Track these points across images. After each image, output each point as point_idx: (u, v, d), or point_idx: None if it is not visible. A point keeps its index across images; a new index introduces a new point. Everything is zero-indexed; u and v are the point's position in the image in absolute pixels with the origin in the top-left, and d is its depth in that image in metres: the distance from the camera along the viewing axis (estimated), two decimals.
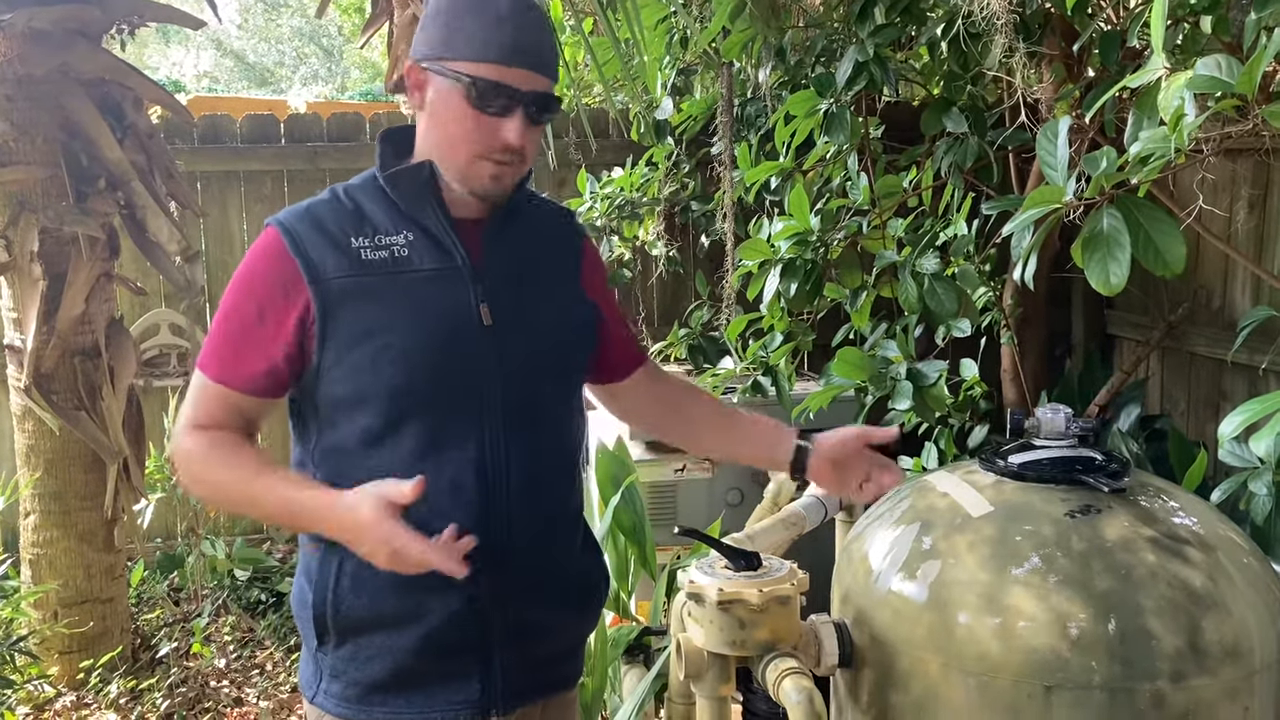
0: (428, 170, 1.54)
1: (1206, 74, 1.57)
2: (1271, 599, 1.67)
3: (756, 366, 3.13)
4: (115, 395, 3.59)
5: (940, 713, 1.64)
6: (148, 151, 3.59)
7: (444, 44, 1.49)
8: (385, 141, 1.60)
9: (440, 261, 1.54)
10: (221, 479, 1.54)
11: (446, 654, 1.58)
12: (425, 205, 1.54)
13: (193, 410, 1.57)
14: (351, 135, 4.70)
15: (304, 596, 1.60)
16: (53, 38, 3.33)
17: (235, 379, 1.53)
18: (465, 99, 1.47)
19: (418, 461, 1.52)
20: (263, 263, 1.54)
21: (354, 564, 1.53)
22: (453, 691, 1.59)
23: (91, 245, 3.46)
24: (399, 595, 1.54)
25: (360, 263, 1.51)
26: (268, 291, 1.52)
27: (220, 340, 1.55)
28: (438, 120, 1.52)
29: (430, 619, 1.55)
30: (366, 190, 1.58)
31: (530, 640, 1.63)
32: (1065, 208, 1.78)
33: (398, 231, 1.54)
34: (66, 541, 3.62)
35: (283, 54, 22.33)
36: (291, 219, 1.54)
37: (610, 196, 4.35)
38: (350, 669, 1.58)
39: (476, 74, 1.46)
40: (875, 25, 2.76)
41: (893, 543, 1.79)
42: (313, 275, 1.50)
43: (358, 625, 1.56)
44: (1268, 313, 2.37)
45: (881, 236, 2.97)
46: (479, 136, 1.49)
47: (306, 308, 1.50)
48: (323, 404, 1.55)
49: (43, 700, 3.56)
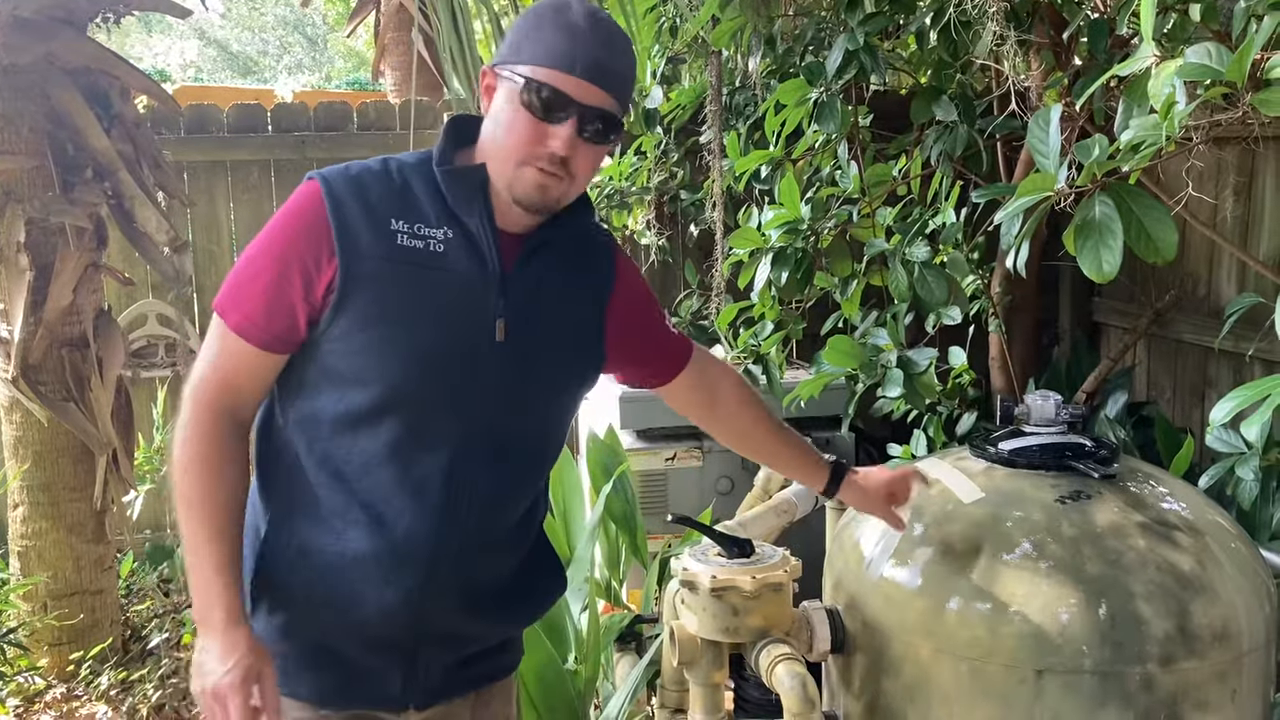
0: (482, 174, 1.51)
1: (1197, 61, 1.58)
2: (1259, 583, 1.69)
3: (747, 355, 3.14)
4: (103, 386, 3.58)
5: (932, 697, 1.66)
6: (135, 141, 3.57)
7: (515, 49, 1.47)
8: (450, 130, 1.56)
9: (472, 266, 1.51)
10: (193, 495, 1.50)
11: (373, 645, 1.58)
12: (474, 208, 1.51)
13: (214, 363, 1.52)
14: (339, 124, 4.68)
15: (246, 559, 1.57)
16: (38, 26, 3.30)
17: (259, 335, 1.49)
18: (520, 100, 1.45)
19: (391, 454, 1.51)
20: (303, 218, 1.49)
21: (301, 536, 1.54)
22: (373, 683, 1.59)
23: (79, 236, 3.44)
24: (337, 578, 1.53)
25: (394, 248, 1.48)
26: (302, 248, 1.47)
27: (245, 289, 1.50)
28: (496, 123, 1.49)
29: (364, 608, 1.54)
30: (419, 173, 1.53)
31: (456, 644, 1.64)
32: (1057, 195, 1.79)
33: (439, 226, 1.50)
34: (55, 533, 3.61)
35: (267, 43, 22.20)
36: (338, 180, 1.50)
37: (599, 185, 4.35)
38: (279, 640, 1.57)
39: (534, 77, 1.44)
40: (865, 14, 2.76)
41: (884, 529, 1.81)
42: (345, 245, 1.46)
43: (294, 599, 1.56)
44: (1254, 299, 2.38)
45: (871, 225, 2.98)
46: (528, 140, 1.46)
47: (333, 275, 1.47)
48: (314, 370, 1.52)
49: (33, 692, 3.55)
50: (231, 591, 1.48)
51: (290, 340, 1.51)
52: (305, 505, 1.55)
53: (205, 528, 1.48)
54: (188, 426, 1.51)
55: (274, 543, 1.56)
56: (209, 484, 1.49)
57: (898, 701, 1.70)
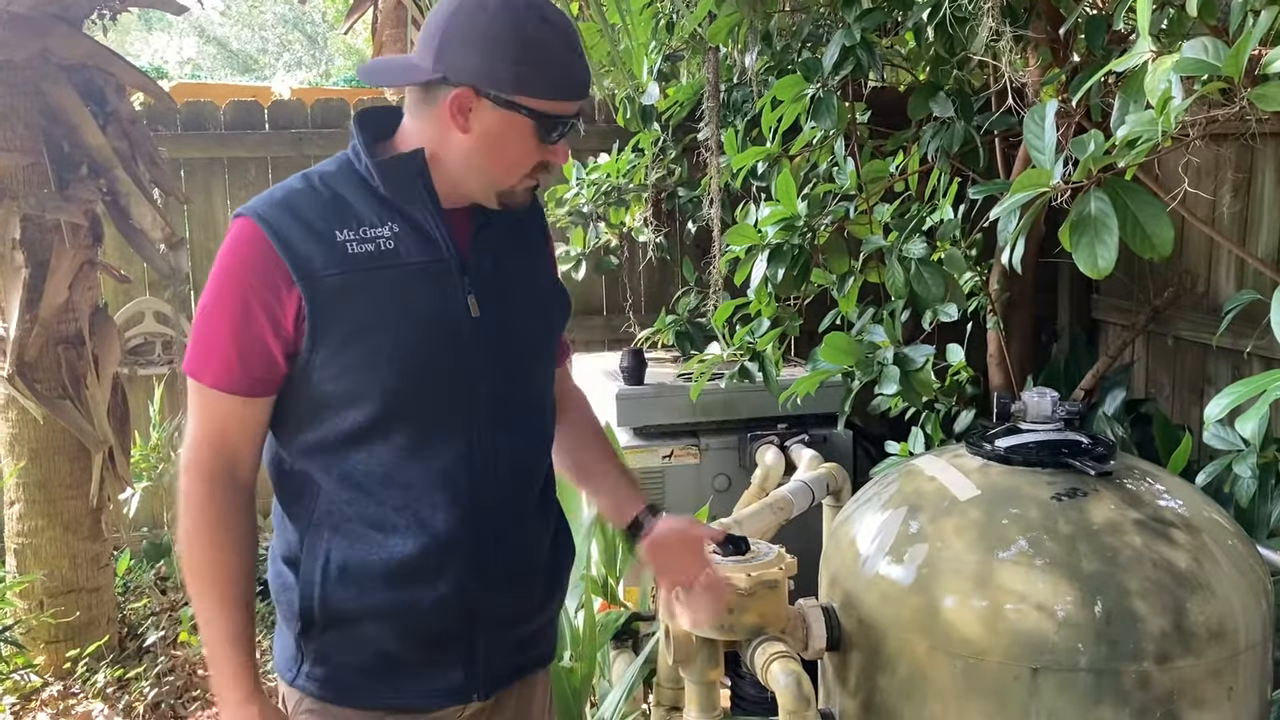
0: (420, 160, 1.51)
1: (1194, 56, 1.57)
2: (1255, 580, 1.68)
3: (744, 352, 3.13)
4: (100, 384, 3.57)
5: (927, 694, 1.65)
6: (130, 138, 3.56)
7: (515, 80, 1.45)
8: (362, 126, 1.55)
9: (428, 253, 1.52)
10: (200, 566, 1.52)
11: (433, 642, 1.58)
12: (415, 196, 1.51)
13: (201, 426, 1.51)
14: (336, 121, 4.67)
15: (285, 581, 1.58)
16: (33, 22, 3.29)
17: (239, 384, 1.48)
18: (535, 134, 1.48)
19: (409, 454, 1.51)
20: (246, 258, 1.47)
21: (340, 554, 1.53)
22: (437, 679, 1.59)
23: (74, 232, 3.43)
24: (388, 587, 1.53)
25: (347, 258, 1.47)
26: (256, 289, 1.46)
27: (213, 346, 1.49)
28: (492, 147, 1.49)
29: (419, 608, 1.54)
30: (343, 177, 1.53)
31: (510, 626, 1.64)
32: (1053, 191, 1.78)
33: (382, 223, 1.50)
34: (52, 531, 3.61)
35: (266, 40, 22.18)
36: (269, 210, 1.48)
37: (597, 183, 4.34)
38: (335, 654, 1.57)
39: (548, 110, 1.47)
40: (861, 10, 2.75)
41: (880, 526, 1.80)
42: (302, 272, 1.45)
43: (345, 615, 1.55)
44: (1252, 296, 2.38)
45: (868, 221, 2.97)
46: (530, 162, 1.51)
47: (299, 305, 1.45)
48: (309, 401, 1.51)
49: (29, 690, 3.55)
50: (242, 662, 1.52)
51: (270, 380, 1.50)
52: (336, 526, 1.54)
53: (213, 600, 1.52)
54: (187, 499, 1.52)
55: (312, 565, 1.55)
56: (213, 555, 1.52)
57: (893, 699, 1.70)
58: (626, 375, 3.57)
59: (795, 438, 3.40)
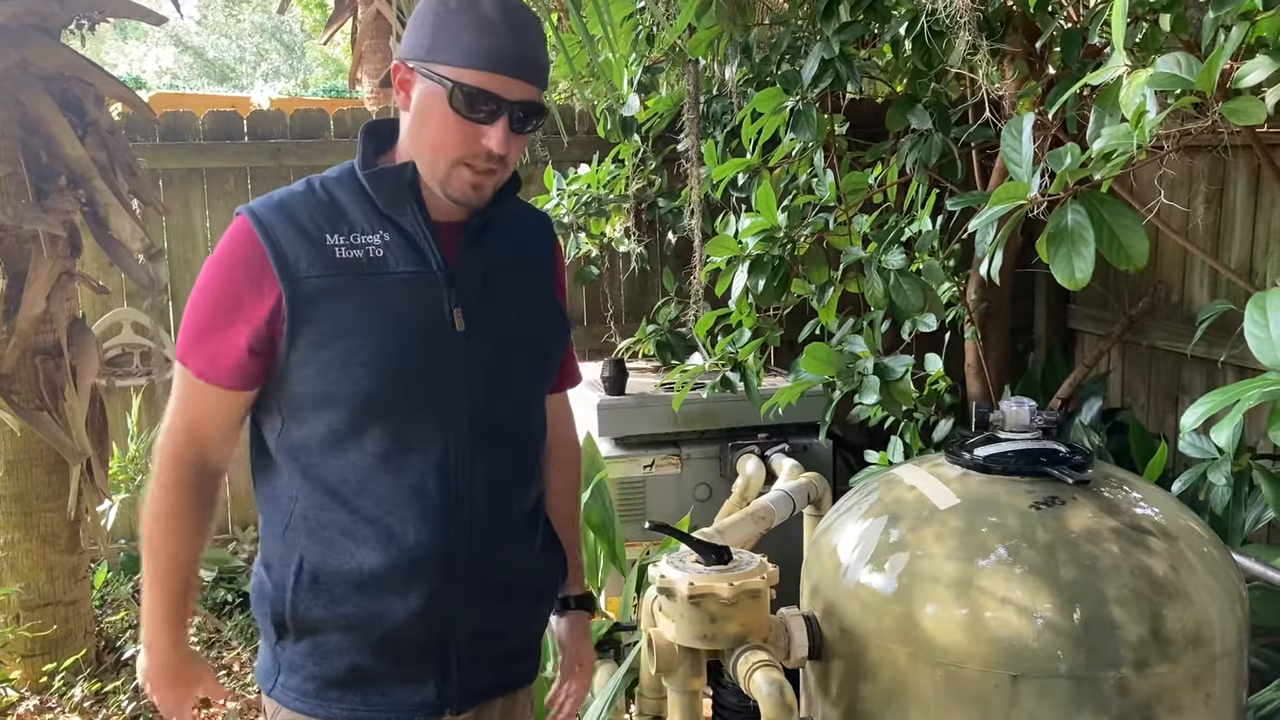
0: (410, 171, 1.52)
1: (1167, 71, 1.60)
2: (1231, 587, 1.70)
3: (725, 362, 3.15)
4: (78, 395, 3.55)
5: (909, 703, 1.66)
6: (109, 148, 3.54)
7: (431, 46, 1.46)
8: (367, 136, 1.58)
9: (415, 264, 1.53)
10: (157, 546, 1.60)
11: (404, 655, 1.58)
12: (404, 206, 1.53)
13: (180, 411, 1.57)
14: (315, 132, 4.67)
15: (263, 589, 1.60)
16: (10, 32, 3.28)
17: (219, 375, 1.52)
18: (448, 104, 1.46)
19: (382, 464, 1.52)
20: (236, 253, 1.51)
21: (313, 561, 1.54)
22: (409, 692, 1.59)
23: (52, 243, 3.41)
24: (359, 597, 1.54)
25: (334, 261, 1.49)
26: (241, 283, 1.49)
27: (198, 334, 1.53)
28: (420, 122, 1.50)
29: (389, 620, 1.54)
30: (344, 184, 1.55)
31: (487, 641, 1.64)
32: (1030, 203, 1.81)
33: (374, 231, 1.52)
34: (28, 543, 3.58)
35: (243, 50, 22.11)
36: (264, 209, 1.52)
37: (577, 193, 4.35)
38: (308, 664, 1.58)
39: (461, 79, 1.45)
40: (840, 23, 2.77)
41: (861, 535, 1.81)
42: (285, 272, 1.48)
43: (316, 625, 1.56)
44: (1225, 306, 2.40)
45: (847, 233, 2.99)
46: (460, 142, 1.48)
47: (278, 302, 1.48)
48: (289, 399, 1.54)
49: (5, 705, 3.52)
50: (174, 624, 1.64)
51: (249, 374, 1.53)
52: (311, 532, 1.55)
53: (161, 580, 1.61)
54: (158, 478, 1.58)
55: (285, 573, 1.56)
56: (171, 538, 1.60)
57: (875, 707, 1.71)
58: (608, 385, 3.57)
59: (775, 447, 3.41)
